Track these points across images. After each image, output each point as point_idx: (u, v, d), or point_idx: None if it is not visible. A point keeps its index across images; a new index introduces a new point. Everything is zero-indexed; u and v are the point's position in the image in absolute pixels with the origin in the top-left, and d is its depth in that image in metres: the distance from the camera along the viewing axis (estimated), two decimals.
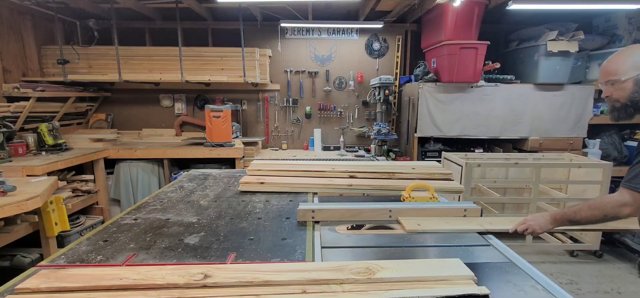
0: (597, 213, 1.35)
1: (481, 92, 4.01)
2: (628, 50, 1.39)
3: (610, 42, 4.05)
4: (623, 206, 1.31)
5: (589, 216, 1.37)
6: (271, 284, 1.07)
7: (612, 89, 1.40)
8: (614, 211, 1.33)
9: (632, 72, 1.34)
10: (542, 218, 1.47)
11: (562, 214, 1.44)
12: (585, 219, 1.38)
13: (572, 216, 1.40)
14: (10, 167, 3.00)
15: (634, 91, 1.35)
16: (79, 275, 1.10)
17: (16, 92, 3.57)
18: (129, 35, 4.48)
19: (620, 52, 1.40)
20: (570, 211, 1.41)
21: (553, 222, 1.45)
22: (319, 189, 2.13)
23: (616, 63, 1.38)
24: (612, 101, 1.43)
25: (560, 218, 1.43)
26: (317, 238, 1.49)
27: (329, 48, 4.82)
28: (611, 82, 1.40)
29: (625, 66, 1.35)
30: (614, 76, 1.37)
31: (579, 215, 1.38)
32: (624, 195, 1.32)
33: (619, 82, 1.36)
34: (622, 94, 1.37)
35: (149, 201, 1.99)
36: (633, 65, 1.34)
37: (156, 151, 4.06)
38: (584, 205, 1.39)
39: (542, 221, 1.46)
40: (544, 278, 1.20)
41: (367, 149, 4.73)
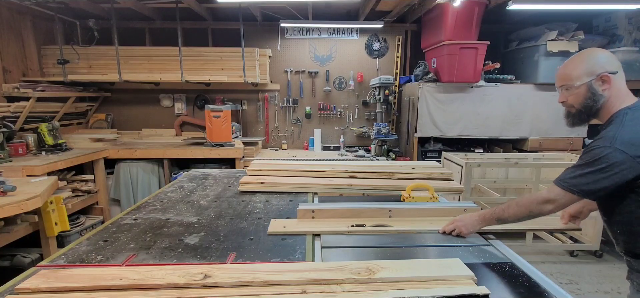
0: (523, 210, 1.32)
1: (481, 92, 4.01)
2: (583, 54, 1.35)
3: (610, 42, 4.05)
4: (546, 203, 1.28)
5: (516, 214, 1.33)
6: (271, 284, 1.07)
7: (567, 95, 1.36)
8: (538, 208, 1.30)
9: (585, 78, 1.29)
10: (470, 219, 1.42)
11: (490, 213, 1.39)
12: (512, 216, 1.34)
13: (500, 214, 1.36)
14: (10, 167, 3.00)
15: (587, 97, 1.31)
16: (79, 275, 1.10)
17: (16, 92, 3.57)
18: (129, 36, 4.48)
19: (575, 57, 1.36)
20: (499, 209, 1.37)
21: (481, 222, 1.41)
22: (319, 189, 2.13)
23: (570, 68, 1.34)
24: (567, 106, 1.39)
25: (489, 218, 1.39)
26: (316, 239, 1.49)
27: (329, 48, 4.82)
28: (566, 88, 1.36)
29: (579, 71, 1.31)
30: (568, 82, 1.33)
31: (507, 212, 1.34)
32: (551, 191, 1.28)
33: (573, 88, 1.32)
34: (576, 100, 1.33)
35: (149, 201, 1.99)
36: (586, 70, 1.30)
37: (156, 151, 4.06)
38: (512, 202, 1.36)
39: (469, 221, 1.42)
40: (544, 278, 1.20)
41: (367, 149, 4.73)
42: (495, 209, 1.38)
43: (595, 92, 1.29)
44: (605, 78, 1.27)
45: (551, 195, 1.27)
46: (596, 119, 1.37)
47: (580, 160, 1.26)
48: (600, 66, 1.28)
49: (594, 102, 1.30)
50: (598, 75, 1.27)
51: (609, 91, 1.28)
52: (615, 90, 1.29)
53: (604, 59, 1.29)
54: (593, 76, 1.28)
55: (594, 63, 1.28)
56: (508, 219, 1.34)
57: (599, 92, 1.28)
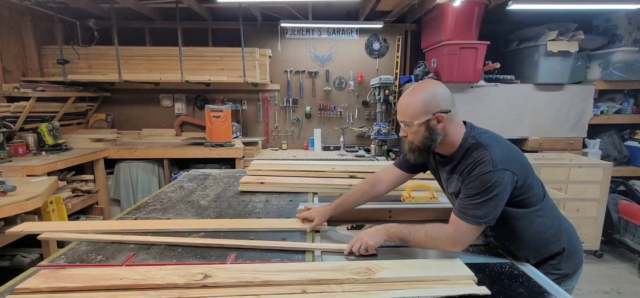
0: (430, 243, 1.26)
1: (481, 92, 4.01)
2: (419, 91, 1.30)
3: (610, 42, 4.05)
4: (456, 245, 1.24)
5: (421, 241, 1.27)
6: (271, 284, 1.07)
7: (407, 131, 1.34)
8: (446, 245, 1.25)
9: (422, 117, 1.26)
10: (374, 231, 1.35)
11: (396, 231, 1.31)
12: (417, 242, 1.28)
13: (407, 236, 1.29)
14: (10, 167, 3.00)
15: (424, 136, 1.29)
16: (79, 275, 1.10)
17: (16, 92, 3.57)
18: (129, 36, 4.47)
19: (412, 92, 1.31)
20: (406, 230, 1.29)
21: (386, 236, 1.32)
22: (319, 189, 2.13)
23: (407, 106, 1.30)
24: (408, 143, 1.37)
25: (393, 235, 1.31)
26: (317, 238, 1.49)
27: (329, 48, 4.82)
28: (405, 124, 1.33)
29: (416, 109, 1.27)
30: (407, 119, 1.30)
31: (413, 237, 1.28)
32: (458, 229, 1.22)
33: (413, 125, 1.29)
34: (415, 137, 1.32)
35: (149, 201, 2.00)
36: (423, 110, 1.26)
37: (156, 151, 4.06)
38: (422, 229, 1.28)
39: (373, 232, 1.34)
40: (544, 278, 1.20)
41: (367, 149, 4.73)
42: (402, 228, 1.31)
43: (432, 131, 1.28)
44: (440, 118, 1.26)
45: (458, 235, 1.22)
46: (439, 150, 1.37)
47: (472, 191, 1.21)
48: (435, 105, 1.26)
49: (432, 141, 1.29)
50: (434, 114, 1.25)
51: (444, 129, 1.28)
52: (451, 125, 1.29)
53: (440, 97, 1.27)
54: (429, 115, 1.26)
55: (430, 102, 1.26)
56: (411, 243, 1.29)
57: (436, 131, 1.28)
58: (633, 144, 4.17)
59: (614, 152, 4.15)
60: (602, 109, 4.16)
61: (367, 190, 1.61)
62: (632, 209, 3.51)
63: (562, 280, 1.31)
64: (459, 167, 1.30)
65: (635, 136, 4.22)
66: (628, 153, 4.18)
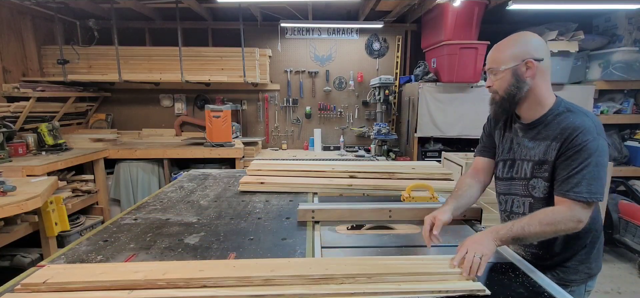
0: (549, 231, 1.16)
1: (481, 92, 4.00)
2: (512, 38, 1.25)
3: (610, 42, 4.04)
4: (578, 223, 1.16)
5: (539, 233, 1.16)
6: (272, 284, 1.07)
7: (493, 79, 1.28)
8: (567, 227, 1.16)
9: (510, 63, 1.21)
10: (484, 239, 1.17)
11: (507, 231, 1.17)
12: (534, 235, 1.18)
13: (520, 233, 1.16)
14: (10, 167, 3.00)
15: (511, 84, 1.22)
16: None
17: (16, 92, 3.57)
18: (129, 36, 4.48)
19: (505, 40, 1.27)
20: (517, 228, 1.17)
21: (497, 241, 1.18)
22: (319, 189, 2.13)
23: (497, 51, 1.26)
24: (493, 92, 1.30)
25: (505, 237, 1.18)
26: (317, 238, 1.49)
27: (329, 48, 4.82)
28: (492, 72, 1.28)
29: (505, 55, 1.22)
30: (495, 65, 1.25)
31: (527, 231, 1.16)
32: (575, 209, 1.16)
33: (499, 72, 1.23)
34: (500, 85, 1.25)
35: (149, 201, 1.99)
36: (512, 55, 1.21)
37: (156, 151, 4.06)
38: (533, 220, 1.17)
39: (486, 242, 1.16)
40: (544, 278, 1.19)
41: (367, 149, 4.73)
42: (513, 227, 1.17)
43: (519, 79, 1.21)
44: (530, 64, 1.19)
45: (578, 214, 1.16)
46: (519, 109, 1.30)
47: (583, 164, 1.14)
48: (525, 51, 1.20)
49: (518, 90, 1.22)
50: (523, 61, 1.19)
51: (533, 80, 1.21)
52: (541, 78, 1.22)
53: (533, 45, 1.21)
54: (518, 61, 1.20)
55: (522, 48, 1.21)
56: (528, 238, 1.18)
57: (523, 79, 1.21)
58: (633, 144, 4.17)
59: (614, 152, 4.15)
60: (602, 109, 4.16)
61: (470, 183, 1.51)
62: (632, 209, 3.50)
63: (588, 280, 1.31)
64: (549, 131, 1.21)
65: (635, 136, 4.21)
66: (628, 153, 4.17)
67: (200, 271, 1.10)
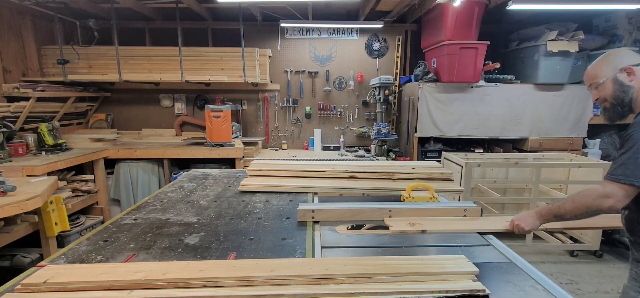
0: (580, 206, 1.33)
1: (481, 92, 4.01)
2: (606, 54, 1.44)
3: (610, 42, 4.05)
4: (605, 198, 1.28)
5: (572, 209, 1.35)
6: (272, 284, 1.07)
7: (597, 92, 1.43)
8: (596, 203, 1.30)
9: (609, 73, 1.37)
10: (529, 217, 1.46)
11: (547, 209, 1.42)
12: (569, 212, 1.36)
13: (557, 210, 1.38)
14: (10, 167, 3.00)
15: (615, 90, 1.37)
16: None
17: (16, 92, 3.57)
18: (129, 36, 4.48)
19: (599, 58, 1.44)
20: (555, 206, 1.39)
21: (539, 218, 1.44)
22: (319, 189, 2.13)
23: (595, 68, 1.43)
24: (601, 102, 1.45)
25: (546, 214, 1.42)
26: (317, 238, 1.49)
27: (329, 48, 4.82)
28: (594, 86, 1.43)
29: (603, 69, 1.39)
30: (594, 80, 1.42)
31: (563, 208, 1.37)
32: (606, 186, 1.29)
33: (600, 84, 1.39)
34: (606, 93, 1.40)
35: (149, 201, 1.99)
36: (609, 66, 1.38)
37: (156, 151, 4.06)
38: (568, 198, 1.38)
39: (529, 219, 1.45)
40: (544, 278, 1.20)
41: (367, 149, 4.73)
42: (551, 206, 1.40)
43: (623, 84, 1.34)
44: (629, 70, 1.33)
45: (607, 190, 1.28)
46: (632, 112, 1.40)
47: (625, 149, 1.27)
48: (621, 60, 1.35)
49: (624, 93, 1.35)
50: (621, 68, 1.34)
51: (636, 82, 1.33)
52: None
53: (626, 55, 1.37)
54: (616, 70, 1.35)
55: (616, 59, 1.37)
56: (565, 215, 1.36)
57: (627, 83, 1.34)
58: None
59: (614, 152, 4.15)
60: None
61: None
62: None
63: None
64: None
65: None
66: None
67: (200, 271, 1.10)
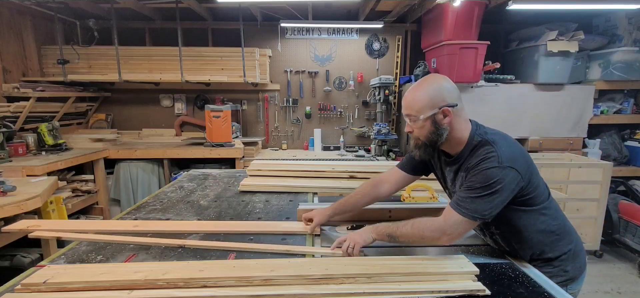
0: (417, 233, 1.22)
1: (481, 92, 4.01)
2: (426, 85, 1.28)
3: (610, 42, 4.05)
4: (442, 235, 1.20)
5: (407, 234, 1.24)
6: (272, 284, 1.07)
7: (413, 126, 1.31)
8: (431, 236, 1.21)
9: (428, 111, 1.24)
10: (364, 231, 1.34)
11: (384, 227, 1.30)
12: (404, 235, 1.25)
13: (394, 232, 1.27)
14: (10, 167, 3.00)
15: (431, 131, 1.26)
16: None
17: (16, 92, 3.57)
18: (129, 36, 4.48)
19: (418, 86, 1.29)
20: (394, 226, 1.28)
21: (373, 233, 1.32)
22: (319, 189, 2.13)
23: (413, 100, 1.27)
24: (414, 138, 1.35)
25: (382, 231, 1.30)
26: (316, 239, 1.49)
27: (329, 48, 4.82)
28: (411, 119, 1.30)
29: (422, 103, 1.25)
30: (413, 113, 1.28)
31: (400, 231, 1.25)
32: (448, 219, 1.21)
33: (419, 120, 1.26)
34: (421, 133, 1.29)
35: (149, 201, 2.00)
36: (429, 103, 1.24)
37: (156, 151, 4.06)
38: (408, 223, 1.25)
39: (364, 233, 1.33)
40: (544, 278, 1.20)
41: (367, 149, 4.73)
42: (390, 225, 1.30)
43: (439, 126, 1.25)
44: (446, 112, 1.24)
45: (448, 225, 1.20)
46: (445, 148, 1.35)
47: (473, 184, 1.19)
48: (441, 99, 1.24)
49: (438, 136, 1.26)
50: (440, 109, 1.23)
51: (451, 123, 1.26)
52: (457, 120, 1.27)
53: (446, 91, 1.25)
54: (435, 109, 1.23)
55: (436, 96, 1.24)
56: (399, 239, 1.26)
57: (443, 126, 1.25)
58: (633, 144, 4.17)
59: (614, 152, 4.15)
60: (602, 109, 4.16)
61: (368, 192, 1.58)
62: (632, 209, 3.51)
63: (568, 283, 1.30)
64: (465, 165, 1.28)
65: (635, 136, 4.22)
66: (628, 153, 4.18)
67: (200, 271, 1.10)
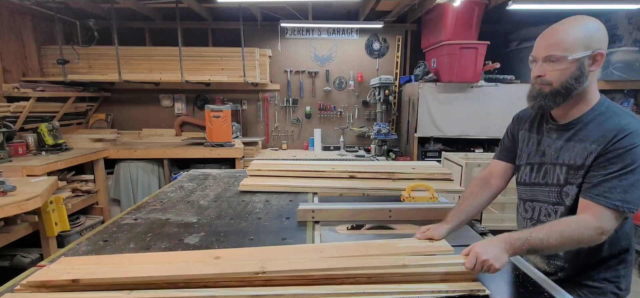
0: (571, 243, 1.02)
1: (481, 92, 4.01)
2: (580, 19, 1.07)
3: (610, 42, 4.04)
4: (601, 234, 1.02)
5: (558, 246, 1.02)
6: (272, 284, 1.07)
7: (549, 68, 1.07)
8: (590, 239, 1.02)
9: (580, 51, 1.03)
10: (495, 248, 1.02)
11: (521, 241, 1.03)
12: (553, 248, 1.03)
13: (538, 245, 1.01)
14: (10, 167, 3.00)
15: (573, 76, 1.05)
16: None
17: (16, 92, 3.57)
18: (129, 36, 4.48)
19: (571, 21, 1.07)
20: (535, 239, 1.02)
21: (510, 250, 1.03)
22: (319, 189, 2.13)
23: (566, 34, 1.05)
24: (541, 83, 1.10)
25: (519, 248, 1.03)
26: (317, 238, 1.49)
27: (329, 48, 4.82)
28: (553, 59, 1.06)
29: (577, 40, 1.03)
30: (559, 52, 1.04)
31: (547, 243, 1.01)
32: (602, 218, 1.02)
33: (564, 60, 1.04)
34: (559, 77, 1.06)
35: (149, 201, 1.99)
36: (583, 42, 1.03)
37: (156, 151, 4.06)
38: (554, 231, 1.02)
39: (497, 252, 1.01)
40: (544, 278, 1.19)
41: (367, 149, 4.73)
42: (529, 238, 1.02)
43: (583, 73, 1.04)
44: (598, 57, 1.04)
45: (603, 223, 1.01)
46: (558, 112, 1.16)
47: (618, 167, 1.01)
48: (598, 41, 1.04)
49: (578, 84, 1.05)
50: (594, 52, 1.03)
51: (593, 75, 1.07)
52: (594, 76, 1.09)
53: (603, 35, 1.07)
54: (588, 51, 1.03)
55: (593, 36, 1.04)
56: (547, 250, 1.04)
57: (586, 74, 1.05)
58: None
59: None
60: None
61: (478, 192, 1.37)
62: None
63: None
64: (588, 133, 1.07)
65: None
66: None
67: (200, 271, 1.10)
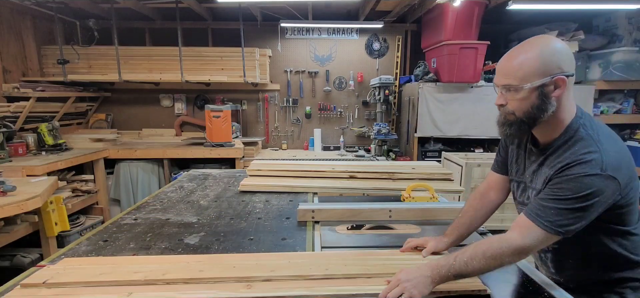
0: (494, 264, 0.98)
1: (481, 92, 4.01)
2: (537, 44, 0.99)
3: (610, 42, 4.05)
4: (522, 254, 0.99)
5: (483, 268, 0.99)
6: (273, 280, 1.07)
7: (508, 97, 1.04)
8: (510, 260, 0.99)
9: (537, 79, 0.96)
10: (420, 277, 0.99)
11: (447, 268, 1.00)
12: (478, 271, 0.99)
13: (462, 269, 0.99)
14: (10, 167, 3.00)
15: (534, 105, 0.99)
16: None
17: (16, 92, 3.57)
18: (129, 36, 4.48)
19: (525, 46, 1.00)
20: (460, 263, 0.99)
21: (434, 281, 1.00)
22: (319, 189, 2.13)
23: (519, 63, 0.99)
24: (505, 112, 1.07)
25: (446, 275, 1.00)
26: (317, 238, 1.49)
27: (329, 48, 4.82)
28: (509, 88, 1.02)
29: (531, 68, 0.97)
30: (514, 81, 1.00)
31: (472, 266, 0.98)
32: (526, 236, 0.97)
33: (521, 90, 0.99)
34: (519, 106, 1.01)
35: (149, 201, 1.99)
36: (541, 68, 0.96)
37: (156, 151, 4.06)
38: (477, 253, 0.99)
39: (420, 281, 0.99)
40: (544, 279, 1.19)
41: (367, 149, 4.73)
42: (453, 261, 1.00)
43: (546, 100, 0.98)
44: (560, 82, 0.97)
45: (526, 243, 0.97)
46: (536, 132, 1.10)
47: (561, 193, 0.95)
48: (556, 65, 0.97)
49: (542, 112, 0.99)
50: (553, 77, 0.97)
51: (560, 99, 1.00)
52: (567, 96, 1.01)
53: (563, 56, 0.98)
54: (547, 77, 0.96)
55: (551, 61, 0.97)
56: (473, 273, 1.01)
57: (550, 100, 0.98)
58: (633, 144, 4.16)
59: None
60: (602, 109, 4.16)
61: (478, 205, 1.34)
62: None
63: None
64: (553, 160, 1.02)
65: (635, 136, 4.21)
66: None
67: (200, 271, 1.10)
